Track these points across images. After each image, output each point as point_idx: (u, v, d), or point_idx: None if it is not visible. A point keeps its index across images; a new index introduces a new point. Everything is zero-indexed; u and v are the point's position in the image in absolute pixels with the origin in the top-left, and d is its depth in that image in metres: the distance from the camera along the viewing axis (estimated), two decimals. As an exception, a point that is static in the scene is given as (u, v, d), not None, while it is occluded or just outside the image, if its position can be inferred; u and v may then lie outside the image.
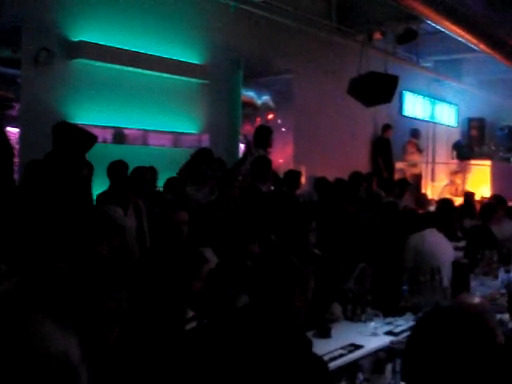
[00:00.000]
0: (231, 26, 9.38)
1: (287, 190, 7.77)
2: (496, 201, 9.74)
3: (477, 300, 3.45)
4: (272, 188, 7.83)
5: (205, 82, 9.10)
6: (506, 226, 8.98)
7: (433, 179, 14.62)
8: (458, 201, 11.44)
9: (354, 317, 4.98)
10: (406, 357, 1.93)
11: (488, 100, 16.25)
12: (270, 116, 10.20)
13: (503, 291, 6.65)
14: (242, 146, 9.28)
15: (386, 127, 12.28)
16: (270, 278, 2.76)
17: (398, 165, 12.94)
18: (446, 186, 13.61)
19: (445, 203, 8.20)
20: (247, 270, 3.75)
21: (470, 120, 15.19)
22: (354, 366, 4.22)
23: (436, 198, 12.78)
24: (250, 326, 2.69)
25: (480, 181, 13.68)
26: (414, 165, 13.27)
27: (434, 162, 14.93)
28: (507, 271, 7.37)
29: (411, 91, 13.68)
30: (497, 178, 13.89)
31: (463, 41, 9.48)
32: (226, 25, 9.33)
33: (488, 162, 14.08)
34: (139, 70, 8.24)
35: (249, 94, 10.01)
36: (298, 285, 2.78)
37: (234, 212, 5.88)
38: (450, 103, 15.50)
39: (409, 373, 1.91)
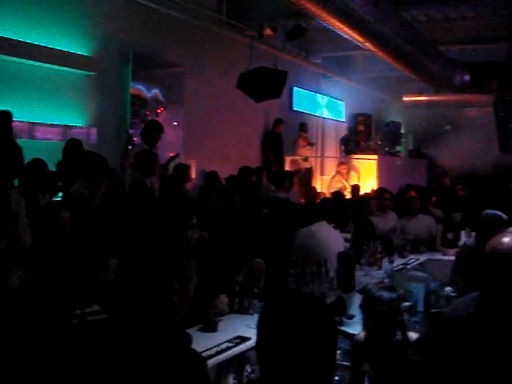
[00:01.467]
0: (121, 17, 9.20)
1: (176, 185, 7.74)
2: (376, 193, 10.11)
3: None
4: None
5: (93, 74, 8.89)
6: (390, 217, 9.32)
7: (322, 173, 14.95)
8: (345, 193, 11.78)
9: (241, 309, 5.03)
10: (257, 340, 2.00)
11: (374, 96, 16.79)
12: (160, 110, 10.10)
13: (387, 281, 6.90)
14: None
15: (278, 122, 12.42)
16: (148, 273, 2.74)
17: (289, 159, 13.14)
18: (332, 178, 13.95)
19: (336, 195, 8.40)
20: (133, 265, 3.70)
21: (357, 115, 15.62)
22: (242, 358, 4.27)
23: (326, 191, 13.11)
24: (129, 321, 2.65)
25: (367, 174, 14.10)
26: (305, 159, 13.51)
27: (323, 157, 15.27)
28: (391, 261, 7.64)
29: (301, 87, 13.92)
30: (383, 171, 14.37)
31: (350, 39, 9.73)
32: (116, 16, 9.14)
33: (374, 157, 14.54)
34: (24, 61, 7.92)
35: (138, 88, 9.86)
36: (177, 280, 2.76)
37: (112, 207, 5.80)
38: (339, 99, 15.90)
39: (261, 355, 1.97)
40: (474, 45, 14.03)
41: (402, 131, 19.21)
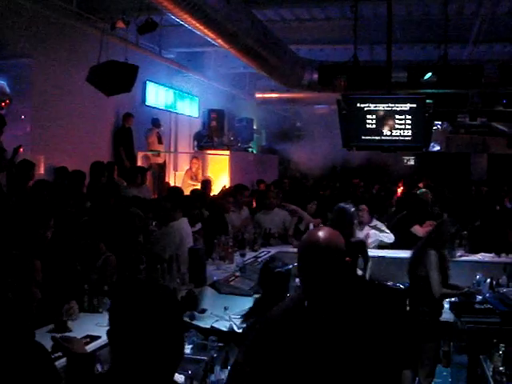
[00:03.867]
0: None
1: (21, 182, 7.47)
2: (234, 190, 10.28)
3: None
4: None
5: None
6: (244, 213, 9.53)
7: (175, 169, 14.95)
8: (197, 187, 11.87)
9: (91, 308, 4.95)
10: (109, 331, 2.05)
11: (227, 93, 16.99)
12: (6, 103, 9.65)
13: (238, 274, 7.07)
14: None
15: (127, 116, 12.25)
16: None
17: (141, 154, 13.02)
18: (185, 173, 14.00)
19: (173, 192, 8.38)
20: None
21: (210, 111, 15.74)
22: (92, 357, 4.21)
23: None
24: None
25: (219, 170, 14.28)
26: (158, 154, 13.45)
27: (176, 152, 15.27)
28: (242, 255, 7.82)
29: (154, 81, 13.82)
30: (235, 167, 14.61)
31: (203, 35, 9.78)
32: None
33: (227, 152, 14.74)
34: None
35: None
36: (15, 277, 2.70)
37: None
38: (192, 94, 15.95)
39: (113, 347, 2.03)
40: (322, 45, 14.59)
41: (255, 127, 19.59)
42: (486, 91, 14.73)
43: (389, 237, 8.83)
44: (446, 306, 6.44)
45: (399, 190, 16.31)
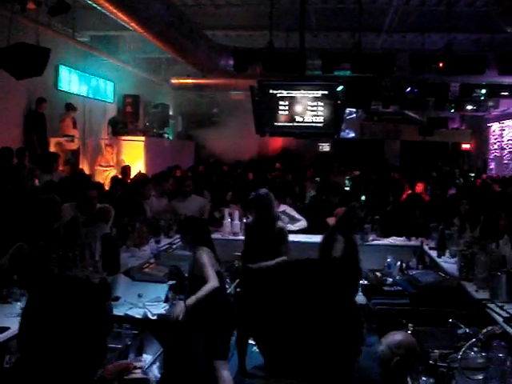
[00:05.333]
0: None
1: None
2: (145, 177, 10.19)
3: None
4: None
5: None
6: (162, 199, 9.45)
7: (89, 155, 14.64)
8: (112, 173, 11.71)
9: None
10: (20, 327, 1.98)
11: (143, 78, 16.78)
12: None
13: (152, 261, 7.03)
14: None
15: (40, 101, 11.89)
16: None
17: (54, 140, 12.68)
18: (98, 159, 13.78)
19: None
20: None
21: (125, 97, 15.50)
22: (1, 348, 4.10)
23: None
24: None
25: (135, 156, 14.10)
26: (71, 140, 13.13)
27: (90, 138, 14.95)
28: (157, 242, 7.77)
29: (67, 65, 13.47)
30: (151, 153, 14.47)
31: (116, 18, 9.61)
32: None
33: (142, 138, 14.58)
34: None
35: None
36: None
37: None
38: (107, 79, 15.63)
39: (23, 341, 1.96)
40: (238, 31, 14.59)
41: (171, 113, 19.44)
42: (398, 80, 15.11)
43: (298, 224, 8.86)
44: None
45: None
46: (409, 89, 15.47)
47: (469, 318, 4.98)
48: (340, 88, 10.24)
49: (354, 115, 24.55)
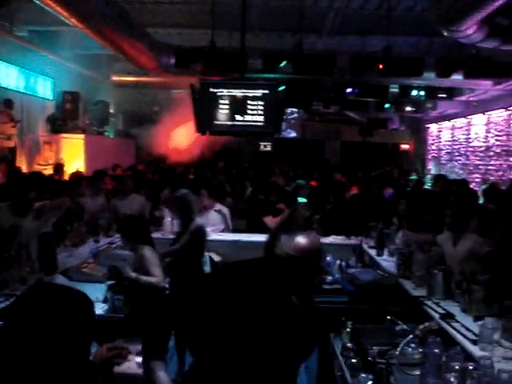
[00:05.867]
0: None
1: None
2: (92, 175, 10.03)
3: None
4: None
5: None
6: (99, 198, 9.30)
7: (26, 152, 14.32)
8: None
9: None
10: None
11: (83, 75, 16.49)
12: None
13: (91, 260, 6.93)
14: None
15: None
16: None
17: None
18: (36, 157, 13.50)
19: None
20: None
21: (64, 93, 15.21)
22: None
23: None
24: None
25: (74, 154, 13.87)
26: (9, 137, 12.82)
27: (28, 135, 14.61)
28: (96, 241, 7.67)
29: (4, 60, 13.12)
30: (91, 151, 14.25)
31: (55, 13, 9.42)
32: None
33: (81, 136, 14.34)
34: None
35: None
36: None
37: None
38: (46, 75, 15.30)
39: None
40: (180, 29, 14.50)
41: (111, 111, 19.19)
42: (338, 81, 15.26)
43: (218, 227, 8.89)
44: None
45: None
46: (349, 90, 15.65)
47: (407, 315, 5.06)
48: (281, 88, 10.29)
49: (296, 115, 24.72)
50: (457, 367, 3.47)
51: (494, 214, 6.38)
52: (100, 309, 5.33)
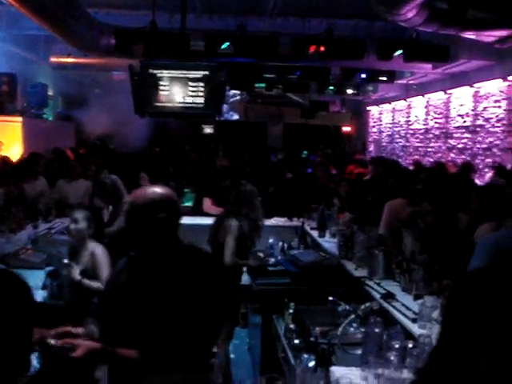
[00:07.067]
0: None
1: None
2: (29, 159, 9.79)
3: None
4: None
5: None
6: (38, 183, 9.09)
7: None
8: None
9: None
10: None
11: (20, 56, 16.05)
12: None
13: (29, 246, 6.76)
14: None
15: None
16: None
17: None
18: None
19: None
20: None
21: (0, 75, 14.77)
22: None
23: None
24: None
25: (11, 138, 13.51)
26: None
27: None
28: (35, 226, 7.50)
29: None
30: (29, 134, 13.90)
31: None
32: None
33: (19, 119, 13.98)
34: None
35: None
36: None
37: None
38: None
39: None
40: (121, 10, 14.23)
41: (50, 93, 18.75)
42: (281, 63, 15.28)
43: None
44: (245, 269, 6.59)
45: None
46: (292, 72, 15.70)
47: (348, 296, 5.13)
48: (223, 70, 10.22)
49: (238, 97, 24.67)
50: (397, 346, 3.52)
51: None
52: (39, 296, 5.20)
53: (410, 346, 3.62)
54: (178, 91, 9.48)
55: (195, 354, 2.80)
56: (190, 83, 9.52)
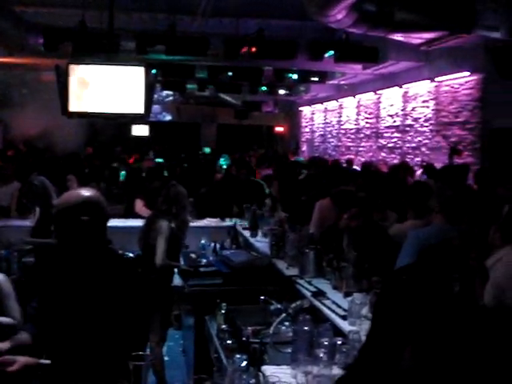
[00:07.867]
0: None
1: None
2: None
3: None
4: None
5: None
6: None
7: None
8: None
9: None
10: None
11: None
12: None
13: None
14: None
15: None
16: None
17: None
18: None
19: None
20: None
21: None
22: None
23: None
24: None
25: None
26: None
27: None
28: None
29: None
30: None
31: None
32: None
33: None
34: None
35: None
36: None
37: None
38: None
39: None
40: (50, 8, 13.91)
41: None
42: (212, 63, 15.24)
43: None
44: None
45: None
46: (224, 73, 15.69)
47: (280, 295, 5.16)
48: (153, 71, 10.13)
49: (171, 98, 24.50)
50: (326, 343, 3.55)
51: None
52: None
53: (339, 342, 3.66)
54: (106, 92, 9.29)
55: (110, 362, 2.77)
56: (119, 83, 9.33)
